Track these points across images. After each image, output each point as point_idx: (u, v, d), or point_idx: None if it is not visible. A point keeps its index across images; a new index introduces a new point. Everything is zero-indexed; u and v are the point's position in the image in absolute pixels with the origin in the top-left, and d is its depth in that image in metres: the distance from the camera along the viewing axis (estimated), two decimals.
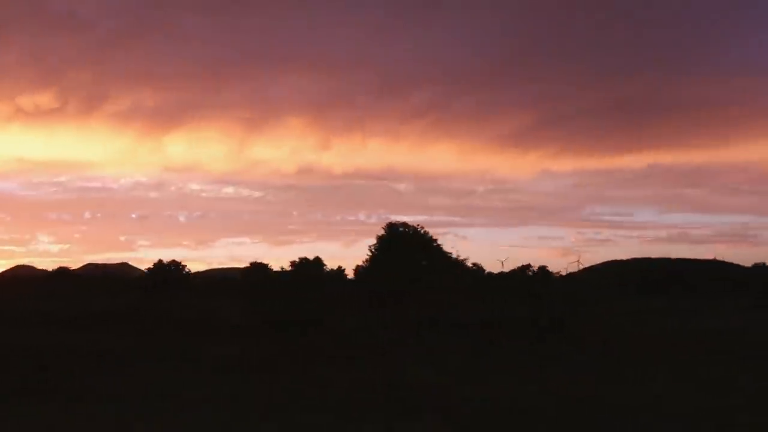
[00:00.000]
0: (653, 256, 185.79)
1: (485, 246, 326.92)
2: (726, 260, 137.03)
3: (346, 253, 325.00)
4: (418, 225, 66.59)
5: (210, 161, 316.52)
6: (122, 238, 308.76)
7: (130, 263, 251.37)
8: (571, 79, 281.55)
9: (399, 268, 63.47)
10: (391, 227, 66.34)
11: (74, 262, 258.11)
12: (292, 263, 72.38)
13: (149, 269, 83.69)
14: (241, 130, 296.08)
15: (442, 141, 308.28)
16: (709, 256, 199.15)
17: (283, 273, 70.29)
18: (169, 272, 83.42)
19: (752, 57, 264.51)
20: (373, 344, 32.73)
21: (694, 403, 18.94)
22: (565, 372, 24.74)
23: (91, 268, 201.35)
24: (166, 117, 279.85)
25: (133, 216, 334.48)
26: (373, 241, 63.78)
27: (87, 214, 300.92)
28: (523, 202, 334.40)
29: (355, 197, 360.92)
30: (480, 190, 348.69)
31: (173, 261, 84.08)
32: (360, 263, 69.18)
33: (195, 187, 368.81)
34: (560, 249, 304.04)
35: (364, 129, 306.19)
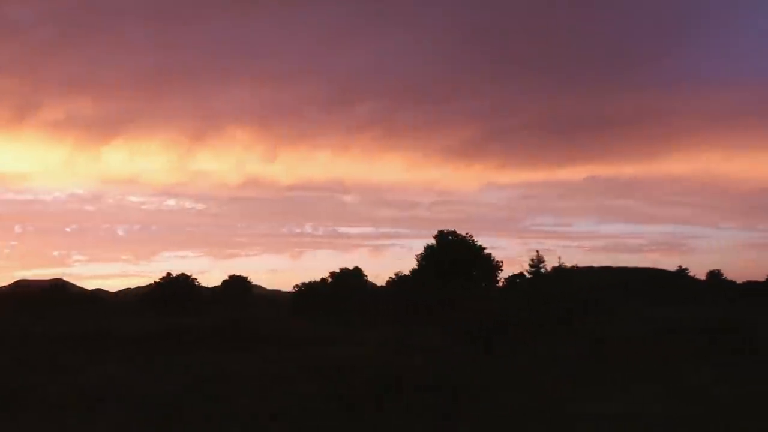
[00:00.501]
0: (595, 265, 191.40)
1: None
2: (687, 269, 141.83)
3: (294, 265, 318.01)
4: (466, 233, 65.93)
5: (151, 172, 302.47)
6: (56, 253, 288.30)
7: (65, 279, 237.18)
8: (513, 94, 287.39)
9: (449, 276, 62.60)
10: (441, 236, 65.41)
11: (3, 279, 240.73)
12: (332, 273, 70.21)
13: (158, 282, 79.70)
14: (185, 140, 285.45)
15: (388, 153, 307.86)
16: (644, 265, 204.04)
17: (325, 283, 68.16)
18: (178, 285, 79.86)
19: (683, 73, 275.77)
20: None
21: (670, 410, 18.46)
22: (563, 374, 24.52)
23: (23, 285, 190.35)
24: (105, 126, 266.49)
25: (68, 230, 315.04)
26: (326, 252, 63.63)
27: (18, 228, 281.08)
28: (468, 214, 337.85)
29: (302, 209, 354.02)
30: (426, 202, 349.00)
31: (182, 274, 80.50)
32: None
33: (135, 199, 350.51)
34: (505, 259, 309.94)
35: (310, 141, 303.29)
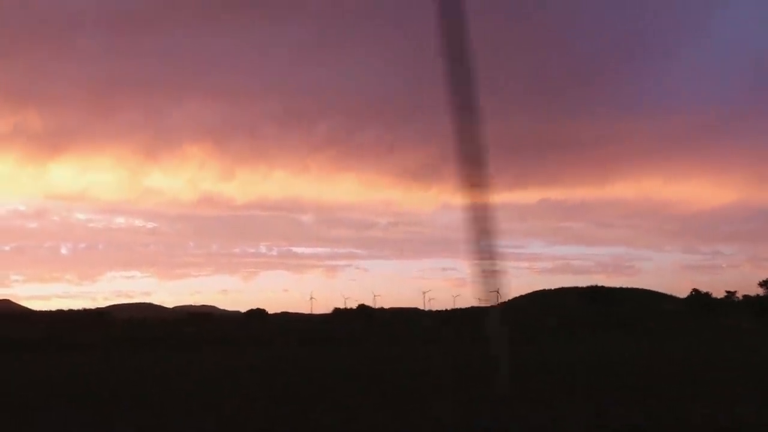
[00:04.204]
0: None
1: (385, 278, 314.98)
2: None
3: (246, 286, 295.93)
4: None
5: (100, 189, 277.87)
6: None
7: (11, 300, 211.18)
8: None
9: None
10: None
11: None
12: None
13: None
14: (137, 156, 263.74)
15: (346, 173, 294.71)
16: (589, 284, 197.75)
17: None
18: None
19: (630, 101, 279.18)
20: None
21: None
22: None
23: None
24: (53, 140, 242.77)
25: (7, 248, 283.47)
26: (280, 273, 63.07)
27: None
28: (424, 235, 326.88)
29: (257, 228, 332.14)
30: (382, 223, 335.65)
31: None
32: None
33: (81, 216, 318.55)
34: (458, 280, 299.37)
35: (267, 159, 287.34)
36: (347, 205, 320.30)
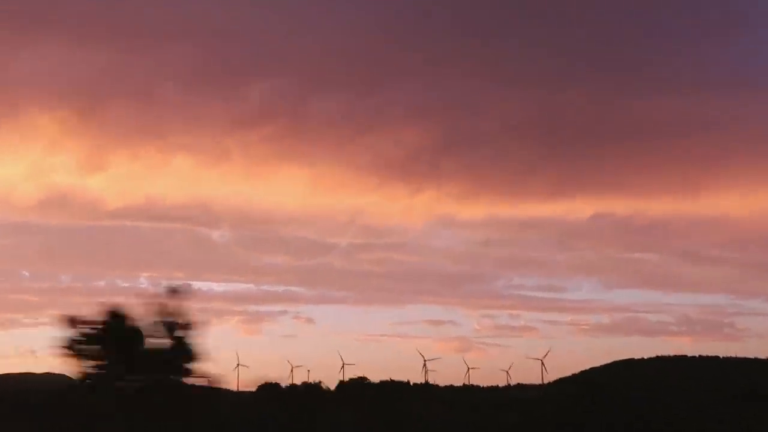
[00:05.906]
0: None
1: (340, 334, 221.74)
2: None
3: None
4: None
5: None
6: None
7: None
8: (489, 84, 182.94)
9: None
10: None
11: None
12: None
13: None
14: None
15: (286, 164, 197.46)
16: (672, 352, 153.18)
17: None
18: None
19: (737, 74, 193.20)
20: None
21: None
22: None
23: None
24: None
25: None
26: None
27: None
28: (407, 265, 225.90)
29: (137, 249, 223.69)
30: (342, 245, 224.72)
31: None
32: None
33: None
34: (456, 340, 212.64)
35: (162, 138, 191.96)
36: (287, 214, 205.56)
